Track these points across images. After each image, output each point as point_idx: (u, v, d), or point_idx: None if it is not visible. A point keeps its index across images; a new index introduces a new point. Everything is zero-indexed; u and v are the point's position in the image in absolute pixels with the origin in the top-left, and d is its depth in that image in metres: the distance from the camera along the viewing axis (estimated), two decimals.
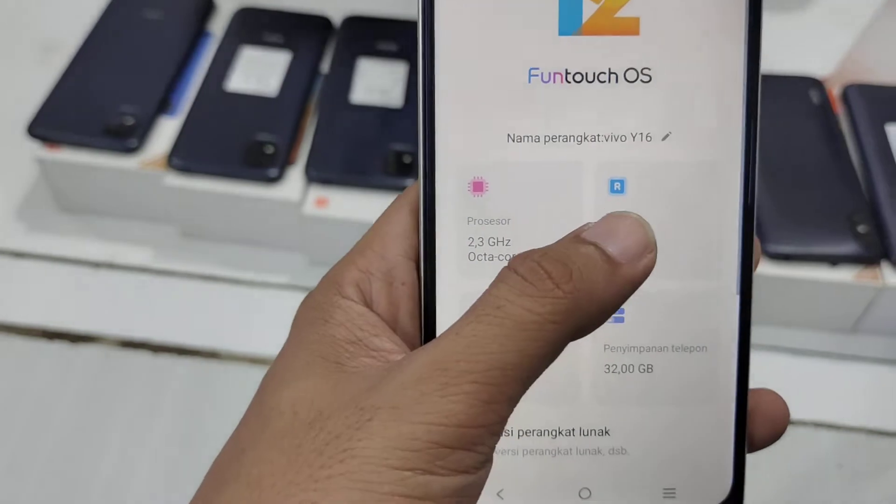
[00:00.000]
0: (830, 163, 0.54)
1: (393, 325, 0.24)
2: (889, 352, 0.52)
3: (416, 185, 0.24)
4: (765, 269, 0.50)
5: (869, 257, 0.50)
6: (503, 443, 0.24)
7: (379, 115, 0.54)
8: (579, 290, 0.20)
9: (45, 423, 0.47)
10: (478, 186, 0.24)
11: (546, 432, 0.25)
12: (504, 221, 0.24)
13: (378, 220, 0.25)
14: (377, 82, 0.56)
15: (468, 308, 0.20)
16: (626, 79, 0.24)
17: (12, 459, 0.46)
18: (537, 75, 0.24)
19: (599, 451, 0.25)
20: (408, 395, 0.19)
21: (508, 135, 0.24)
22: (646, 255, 0.21)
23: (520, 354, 0.19)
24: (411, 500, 0.18)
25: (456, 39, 0.24)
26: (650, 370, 0.24)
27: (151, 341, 0.51)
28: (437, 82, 0.24)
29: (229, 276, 0.54)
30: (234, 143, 0.52)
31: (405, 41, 0.58)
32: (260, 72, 0.56)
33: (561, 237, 0.21)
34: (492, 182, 0.24)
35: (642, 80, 0.24)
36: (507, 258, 0.24)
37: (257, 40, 0.58)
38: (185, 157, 0.52)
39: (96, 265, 0.54)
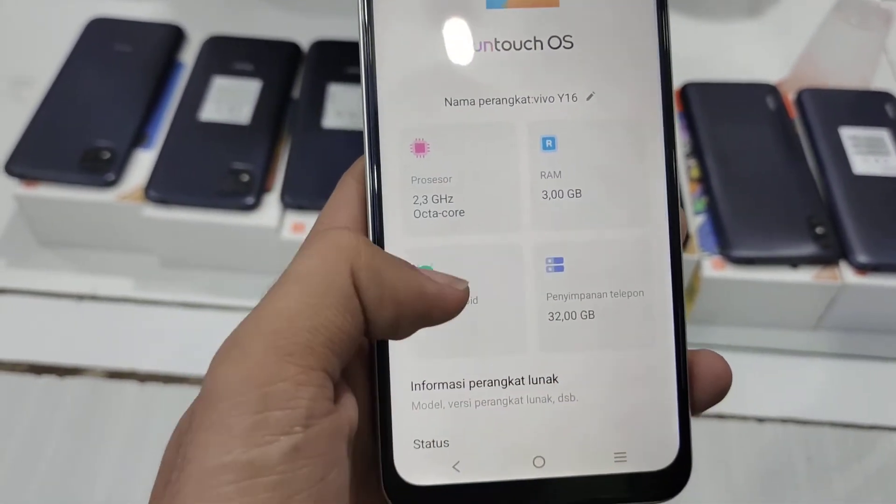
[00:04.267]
0: (788, 167, 0.56)
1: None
2: (851, 347, 0.55)
3: (338, 213, 0.26)
4: (729, 272, 0.52)
5: (828, 258, 0.52)
6: (455, 395, 0.25)
7: (350, 139, 0.56)
8: None
9: (36, 457, 0.48)
10: (419, 147, 0.26)
11: (496, 382, 0.25)
12: (446, 179, 0.26)
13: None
14: (347, 106, 0.57)
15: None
16: (550, 45, 0.26)
17: (4, 494, 0.47)
18: (469, 44, 0.26)
19: (549, 399, 0.25)
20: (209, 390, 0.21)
21: (446, 99, 0.26)
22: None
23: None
24: (245, 482, 0.19)
25: (393, 15, 0.25)
26: (592, 316, 0.26)
27: (138, 371, 0.52)
28: (377, 53, 0.25)
29: (212, 302, 0.55)
30: (210, 173, 0.54)
31: None
32: (232, 101, 0.57)
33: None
34: (432, 143, 0.26)
35: (565, 47, 0.26)
36: (451, 213, 0.25)
37: (228, 69, 0.59)
38: (161, 189, 0.53)
39: (79, 298, 0.55)
